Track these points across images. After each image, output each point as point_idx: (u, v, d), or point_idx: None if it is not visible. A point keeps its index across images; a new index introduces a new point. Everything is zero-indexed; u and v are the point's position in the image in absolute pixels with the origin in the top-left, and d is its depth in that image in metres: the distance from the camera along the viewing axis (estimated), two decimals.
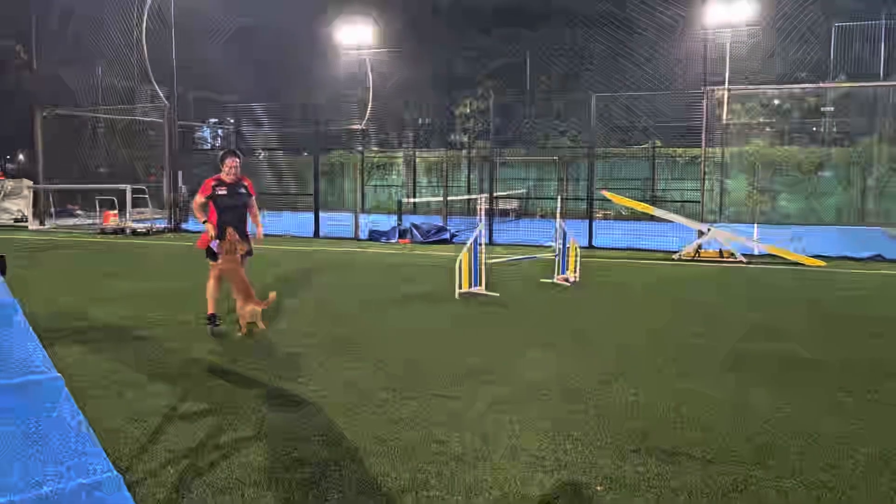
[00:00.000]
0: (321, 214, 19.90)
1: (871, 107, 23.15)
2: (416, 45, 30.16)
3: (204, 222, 7.86)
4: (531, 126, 30.14)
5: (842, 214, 24.53)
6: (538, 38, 29.36)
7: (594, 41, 26.16)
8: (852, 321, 8.74)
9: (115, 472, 2.35)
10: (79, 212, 25.13)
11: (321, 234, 19.29)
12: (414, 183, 31.02)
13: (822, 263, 13.90)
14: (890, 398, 5.68)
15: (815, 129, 26.98)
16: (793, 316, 9.06)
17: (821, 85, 21.36)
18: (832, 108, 26.12)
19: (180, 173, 22.27)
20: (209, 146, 34.27)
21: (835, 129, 26.61)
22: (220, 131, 34.76)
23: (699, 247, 14.78)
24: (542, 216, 26.53)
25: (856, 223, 23.69)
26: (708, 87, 17.70)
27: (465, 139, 31.72)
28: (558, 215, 11.73)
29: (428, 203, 27.78)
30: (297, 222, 20.45)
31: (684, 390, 5.80)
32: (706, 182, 22.45)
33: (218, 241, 7.83)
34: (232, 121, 32.67)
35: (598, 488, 4.05)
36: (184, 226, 21.33)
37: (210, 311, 7.87)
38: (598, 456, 4.48)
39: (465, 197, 21.83)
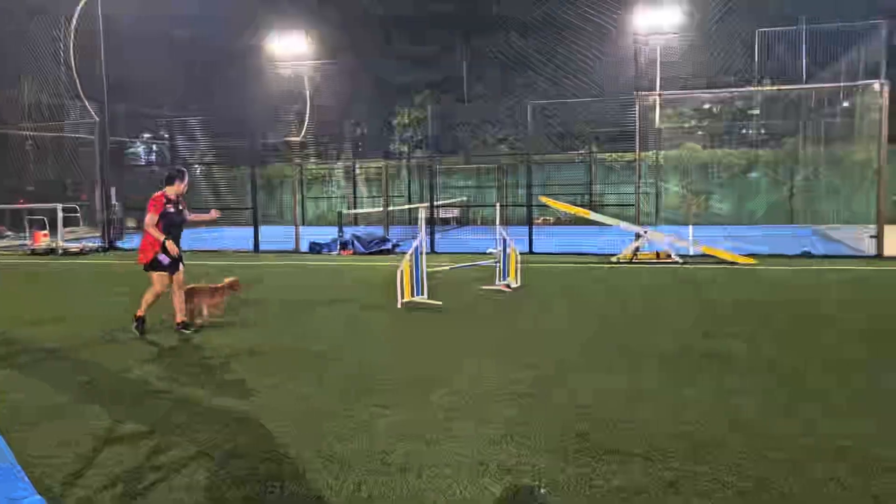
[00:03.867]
0: (261, 228, 19.64)
1: (795, 109, 23.99)
2: (353, 56, 30.09)
3: (165, 240, 8.10)
4: (470, 134, 30.34)
5: (772, 214, 25.33)
6: (474, 46, 29.63)
7: (529, 49, 26.50)
8: (784, 317, 9.02)
9: (38, 496, 2.27)
10: (8, 233, 24.25)
11: (261, 248, 19.03)
12: (355, 194, 30.88)
13: (755, 261, 14.32)
14: (821, 390, 5.87)
15: (743, 131, 27.81)
16: (727, 314, 9.30)
17: (747, 89, 22.02)
18: (758, 112, 26.99)
19: (113, 190, 21.71)
20: (143, 162, 33.50)
21: (763, 132, 27.48)
22: (154, 146, 34.02)
23: (637, 249, 15.07)
24: (483, 223, 26.69)
25: (785, 222, 24.48)
26: (639, 93, 18.05)
27: (405, 149, 31.74)
28: (498, 222, 11.82)
29: (369, 214, 27.69)
30: (237, 237, 20.14)
31: (624, 390, 5.90)
32: (642, 185, 22.92)
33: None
34: (166, 135, 32.02)
35: (542, 490, 4.09)
36: (118, 244, 20.78)
37: (140, 312, 8.26)
38: (542, 459, 4.51)
39: (406, 206, 21.83)
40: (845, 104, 19.12)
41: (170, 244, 8.10)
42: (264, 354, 7.36)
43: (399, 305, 9.91)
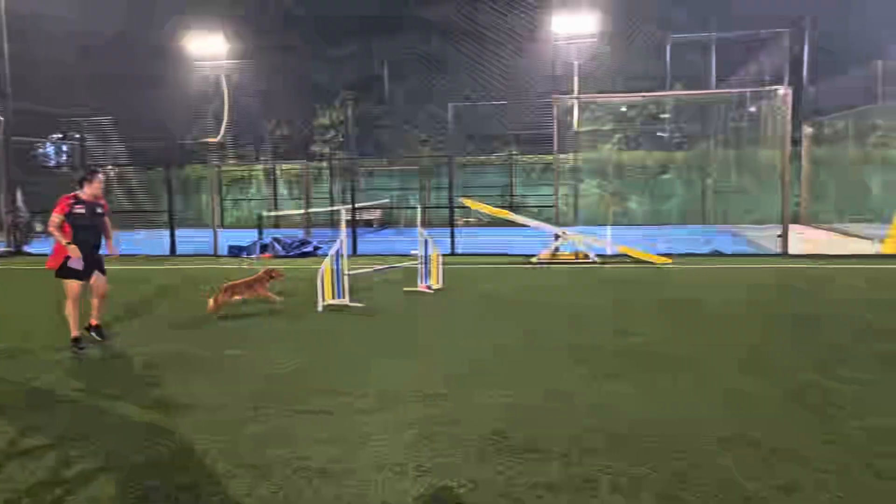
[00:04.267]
0: (178, 232, 19.11)
1: (705, 113, 24.90)
2: (272, 56, 29.64)
3: (68, 244, 7.66)
4: (392, 136, 30.31)
5: (685, 214, 26.20)
6: (395, 48, 29.60)
7: (451, 51, 26.66)
8: (696, 314, 9.33)
9: None
10: None
11: (178, 251, 18.52)
12: (275, 196, 30.40)
13: (669, 260, 14.76)
14: (733, 384, 6.10)
15: (657, 134, 28.68)
16: (642, 312, 9.56)
17: (660, 94, 22.75)
18: (670, 115, 27.89)
19: (19, 193, 20.77)
20: (53, 163, 32.17)
21: (677, 135, 28.39)
22: (64, 147, 32.69)
23: (556, 249, 15.34)
24: (406, 225, 26.68)
25: (698, 222, 25.36)
26: (556, 96, 18.38)
27: (326, 150, 31.44)
28: (419, 224, 11.85)
29: (291, 216, 27.30)
30: (152, 241, 19.56)
31: (542, 388, 6.00)
32: (561, 187, 23.35)
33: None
34: (78, 136, 30.82)
35: (461, 491, 4.12)
36: (26, 248, 19.90)
37: (74, 333, 7.67)
38: (461, 459, 4.54)
39: (328, 209, 21.61)
40: (752, 109, 19.95)
41: (72, 248, 7.62)
42: (178, 362, 7.17)
43: (319, 308, 9.81)
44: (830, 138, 24.17)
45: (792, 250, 15.68)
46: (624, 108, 28.70)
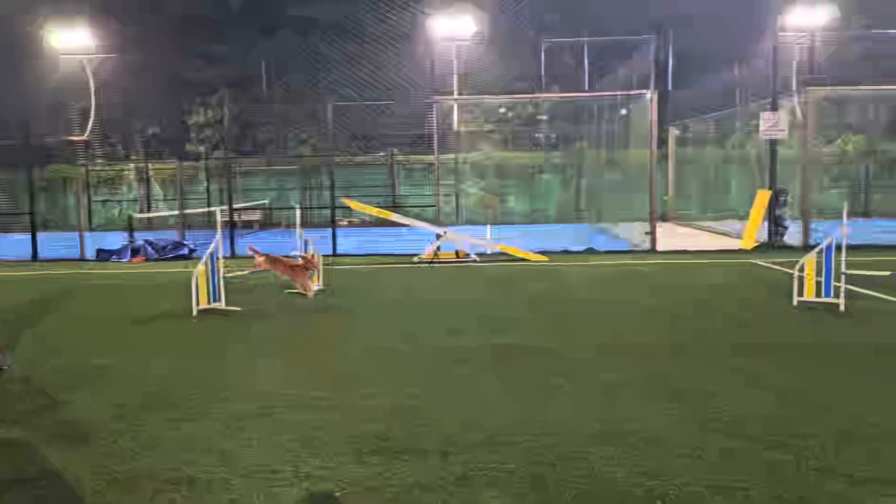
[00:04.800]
0: (41, 235, 18.00)
1: (579, 115, 25.78)
2: (144, 50, 28.41)
3: None
4: (271, 134, 29.70)
5: (561, 213, 27.05)
6: (274, 45, 29.03)
7: (331, 50, 26.38)
8: (571, 309, 9.66)
9: None
10: None
11: (40, 256, 17.46)
12: (148, 197, 29.19)
13: (546, 258, 15.21)
14: (605, 379, 6.35)
15: (535, 135, 29.49)
16: (520, 309, 9.81)
17: (536, 95, 23.38)
18: (546, 117, 28.76)
19: None
20: None
21: (552, 136, 29.28)
22: None
23: (437, 249, 15.49)
24: (287, 226, 26.22)
25: (573, 221, 26.22)
26: (436, 97, 18.56)
27: (202, 149, 30.45)
28: (299, 225, 11.69)
29: (165, 217, 26.28)
30: (11, 245, 18.36)
31: (421, 389, 6.05)
32: (442, 187, 23.58)
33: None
34: None
35: (337, 494, 4.10)
36: None
37: None
38: (338, 463, 4.52)
39: (204, 210, 20.95)
40: (623, 111, 20.79)
41: None
42: (41, 373, 6.77)
43: (194, 313, 9.51)
44: (694, 140, 25.58)
45: (660, 247, 16.48)
46: (503, 110, 29.33)
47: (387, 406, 5.59)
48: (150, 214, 26.04)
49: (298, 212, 12.17)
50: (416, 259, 15.34)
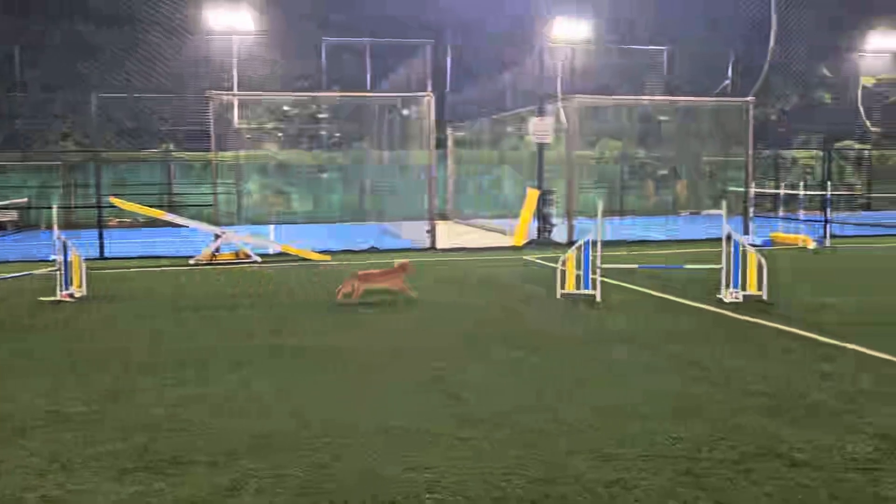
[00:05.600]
0: None
1: (362, 115, 26.00)
2: None
3: None
4: (28, 127, 26.98)
5: (345, 212, 27.13)
6: (32, 29, 26.40)
7: (98, 38, 24.50)
8: (348, 309, 9.71)
9: None
10: None
11: None
12: None
13: (328, 258, 15.17)
14: (380, 377, 6.45)
15: (322, 133, 29.33)
16: (299, 309, 9.72)
17: (318, 94, 23.28)
18: (328, 116, 28.72)
19: None
20: None
21: (336, 135, 29.26)
22: None
23: (217, 250, 14.92)
24: (46, 227, 23.99)
25: (357, 220, 26.40)
26: (214, 92, 17.88)
27: None
28: (55, 226, 10.76)
29: None
30: None
31: (190, 395, 5.80)
32: (221, 186, 22.75)
33: None
34: None
35: None
36: None
37: None
38: (97, 481, 4.19)
39: None
40: (405, 112, 21.24)
41: None
42: None
43: None
44: (470, 141, 26.72)
45: (440, 244, 17.04)
46: (286, 107, 28.87)
47: (152, 417, 5.29)
48: None
49: (55, 211, 11.17)
50: (192, 261, 14.66)
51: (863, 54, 33.22)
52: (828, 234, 17.41)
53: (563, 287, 10.22)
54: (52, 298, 10.32)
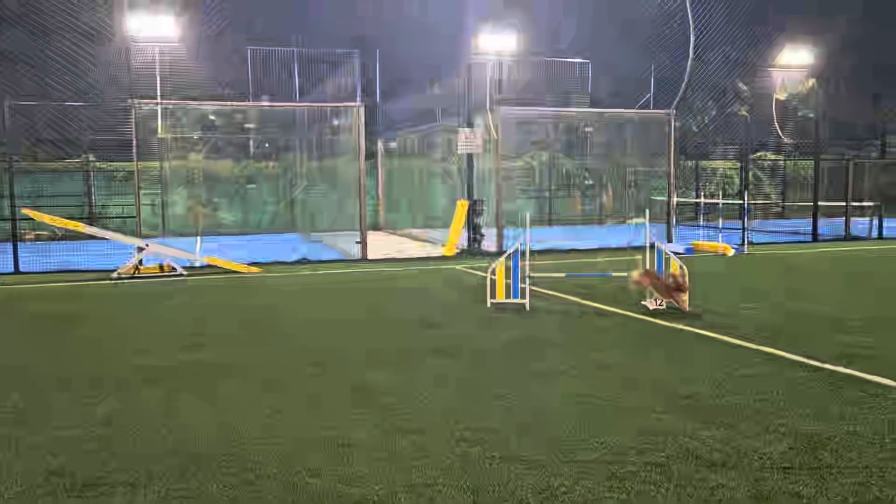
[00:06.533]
0: None
1: (291, 124, 25.76)
2: None
3: None
4: None
5: (274, 223, 26.76)
6: None
7: (9, 42, 23.60)
8: (274, 322, 9.58)
9: None
10: None
11: None
12: None
13: (258, 269, 14.93)
14: (307, 390, 6.38)
15: (251, 142, 28.90)
16: (222, 323, 9.53)
17: (246, 104, 22.96)
18: (255, 125, 28.35)
19: None
20: None
21: (264, 145, 28.88)
22: None
23: (140, 262, 14.51)
24: None
25: (287, 230, 26.08)
26: (136, 100, 17.43)
27: None
28: None
29: None
30: None
31: (109, 415, 5.61)
32: (146, 197, 22.20)
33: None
34: None
35: None
36: None
37: None
38: None
39: None
40: (336, 121, 21.14)
41: None
42: None
43: None
44: (401, 152, 26.76)
45: (371, 255, 16.98)
46: (213, 117, 28.36)
47: (67, 439, 5.09)
48: None
49: None
50: (114, 275, 14.20)
51: (776, 69, 34.68)
52: (746, 242, 18.06)
53: (493, 296, 10.30)
54: None
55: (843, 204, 21.95)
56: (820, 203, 21.16)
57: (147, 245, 14.69)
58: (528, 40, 27.13)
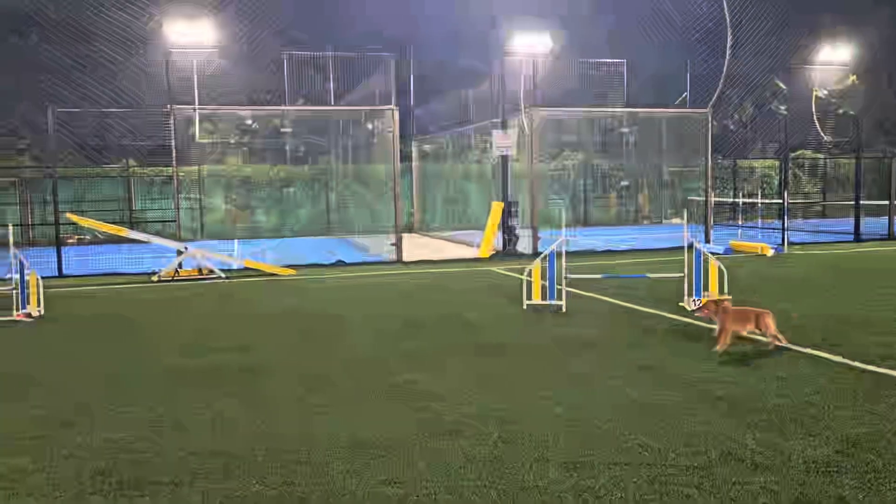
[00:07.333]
0: None
1: (326, 129, 25.93)
2: None
3: None
4: None
5: (311, 226, 26.96)
6: None
7: (52, 50, 24.08)
8: (315, 324, 9.65)
9: None
10: None
11: None
12: None
13: (294, 272, 15.07)
14: (348, 390, 6.42)
15: (287, 147, 29.19)
16: (265, 325, 9.63)
17: (282, 108, 23.19)
18: (292, 130, 28.61)
19: None
20: None
21: (300, 149, 29.15)
22: None
23: (179, 266, 14.73)
24: (3, 245, 23.47)
25: (323, 234, 26.26)
26: (175, 106, 17.71)
27: None
28: (12, 243, 10.54)
29: None
30: None
31: (153, 418, 5.69)
32: (184, 201, 22.56)
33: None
34: None
35: None
36: None
37: None
38: None
39: None
40: (369, 126, 21.25)
41: None
42: None
43: None
44: (436, 155, 26.80)
45: (406, 257, 17.02)
46: (250, 121, 28.69)
47: (113, 441, 5.17)
48: None
49: (11, 229, 10.96)
50: (154, 278, 14.44)
51: (815, 67, 34.06)
52: (785, 242, 17.77)
53: (529, 298, 10.27)
54: (8, 318, 10.10)
55: (887, 203, 21.47)
56: (862, 202, 20.71)
57: (186, 248, 14.91)
58: (563, 40, 27.02)
